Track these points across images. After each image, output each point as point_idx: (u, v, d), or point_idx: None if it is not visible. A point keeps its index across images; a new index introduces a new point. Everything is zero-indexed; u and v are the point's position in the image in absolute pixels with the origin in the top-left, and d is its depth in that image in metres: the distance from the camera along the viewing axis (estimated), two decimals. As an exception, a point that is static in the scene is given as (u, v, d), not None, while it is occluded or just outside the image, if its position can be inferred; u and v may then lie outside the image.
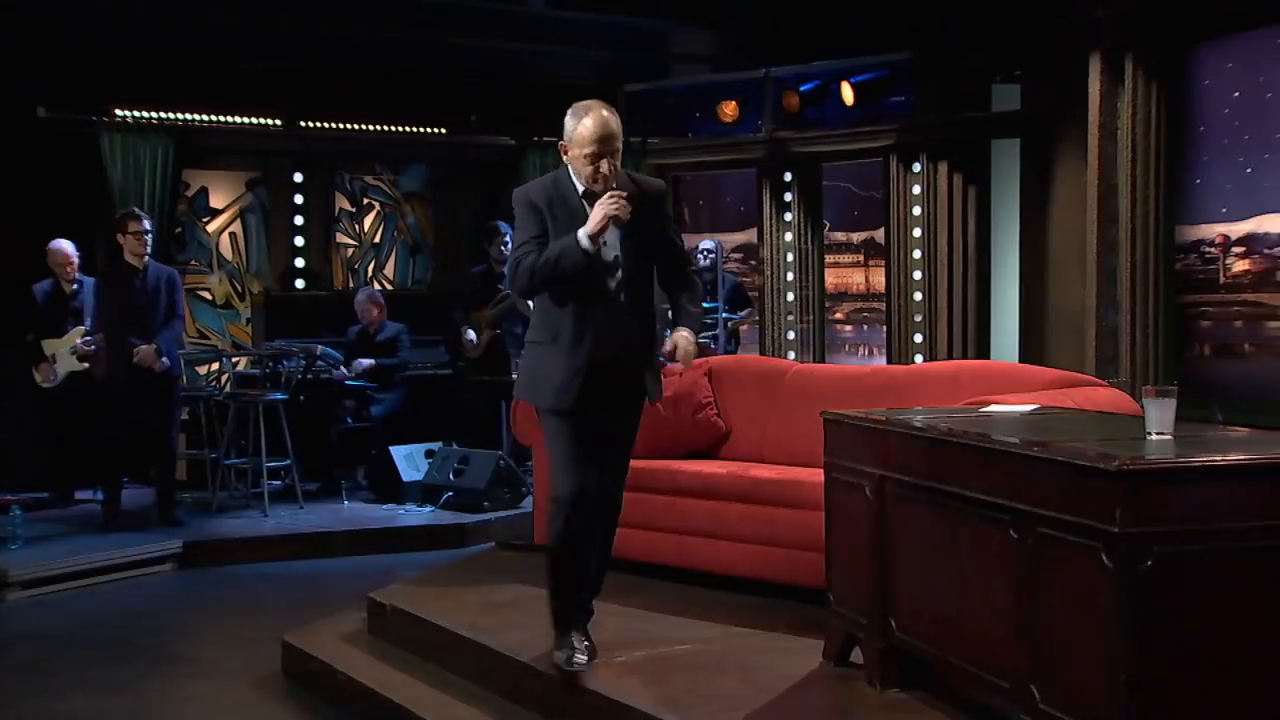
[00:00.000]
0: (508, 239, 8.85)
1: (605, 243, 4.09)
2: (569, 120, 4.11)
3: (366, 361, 8.89)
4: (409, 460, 8.55)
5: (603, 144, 4.07)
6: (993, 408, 4.23)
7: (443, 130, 10.74)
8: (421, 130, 10.73)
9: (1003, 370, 5.47)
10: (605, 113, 4.10)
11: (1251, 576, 2.87)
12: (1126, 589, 2.81)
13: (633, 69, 10.88)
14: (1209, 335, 7.57)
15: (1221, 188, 7.42)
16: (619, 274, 4.17)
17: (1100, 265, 7.79)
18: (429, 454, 8.60)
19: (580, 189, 4.16)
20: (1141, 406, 3.45)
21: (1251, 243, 7.27)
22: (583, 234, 4.02)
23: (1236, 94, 7.26)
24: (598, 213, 4.02)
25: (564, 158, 4.18)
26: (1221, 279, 7.45)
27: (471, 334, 8.70)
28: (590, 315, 4.13)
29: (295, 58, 10.09)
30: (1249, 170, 7.25)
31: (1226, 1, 7.02)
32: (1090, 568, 2.89)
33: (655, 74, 10.91)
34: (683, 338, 4.28)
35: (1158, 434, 3.26)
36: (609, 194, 4.02)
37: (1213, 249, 7.50)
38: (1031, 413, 4.09)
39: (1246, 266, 7.31)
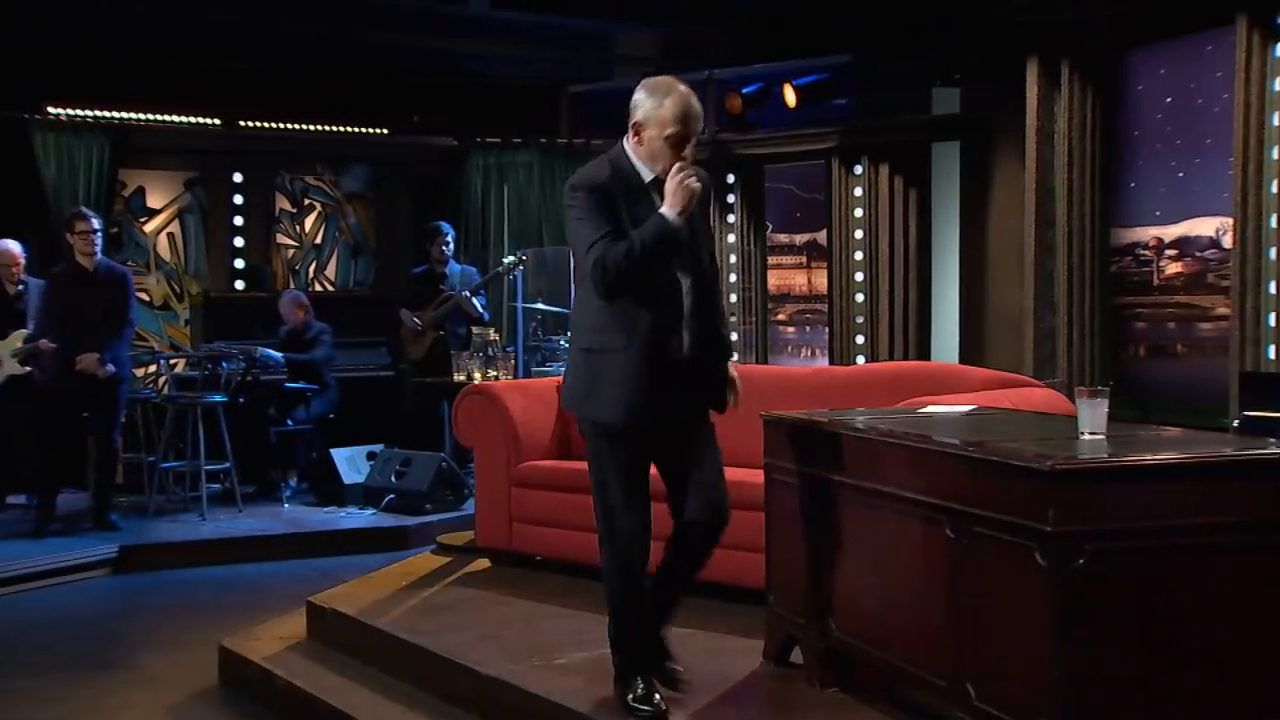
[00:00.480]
0: (449, 239, 8.82)
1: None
2: (645, 98, 3.64)
3: (273, 353, 8.75)
4: (350, 462, 8.48)
5: (689, 125, 3.65)
6: (930, 408, 4.26)
7: (384, 131, 10.68)
8: (363, 130, 10.67)
9: (941, 371, 5.51)
10: (685, 89, 3.67)
11: (1181, 574, 2.91)
12: (1059, 587, 2.84)
13: (576, 70, 10.88)
14: (1143, 336, 7.69)
15: (1155, 191, 7.54)
16: (694, 268, 3.75)
17: (1037, 267, 7.89)
18: (370, 456, 8.54)
19: (647, 176, 3.68)
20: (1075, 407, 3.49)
21: (1184, 245, 7.39)
22: (669, 212, 3.57)
23: (1169, 99, 7.38)
24: (680, 191, 3.57)
25: (630, 140, 3.68)
26: (1155, 281, 7.57)
27: (416, 319, 8.64)
28: (670, 314, 3.67)
29: (235, 56, 9.99)
30: (1181, 174, 7.37)
31: (1158, 9, 7.12)
32: (1024, 566, 2.92)
33: (598, 75, 10.91)
34: (734, 369, 3.94)
35: (1090, 434, 3.30)
36: (679, 168, 3.59)
37: (1147, 251, 7.62)
38: (968, 413, 4.13)
39: (1179, 269, 7.43)
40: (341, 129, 10.60)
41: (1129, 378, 7.69)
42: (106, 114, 9.57)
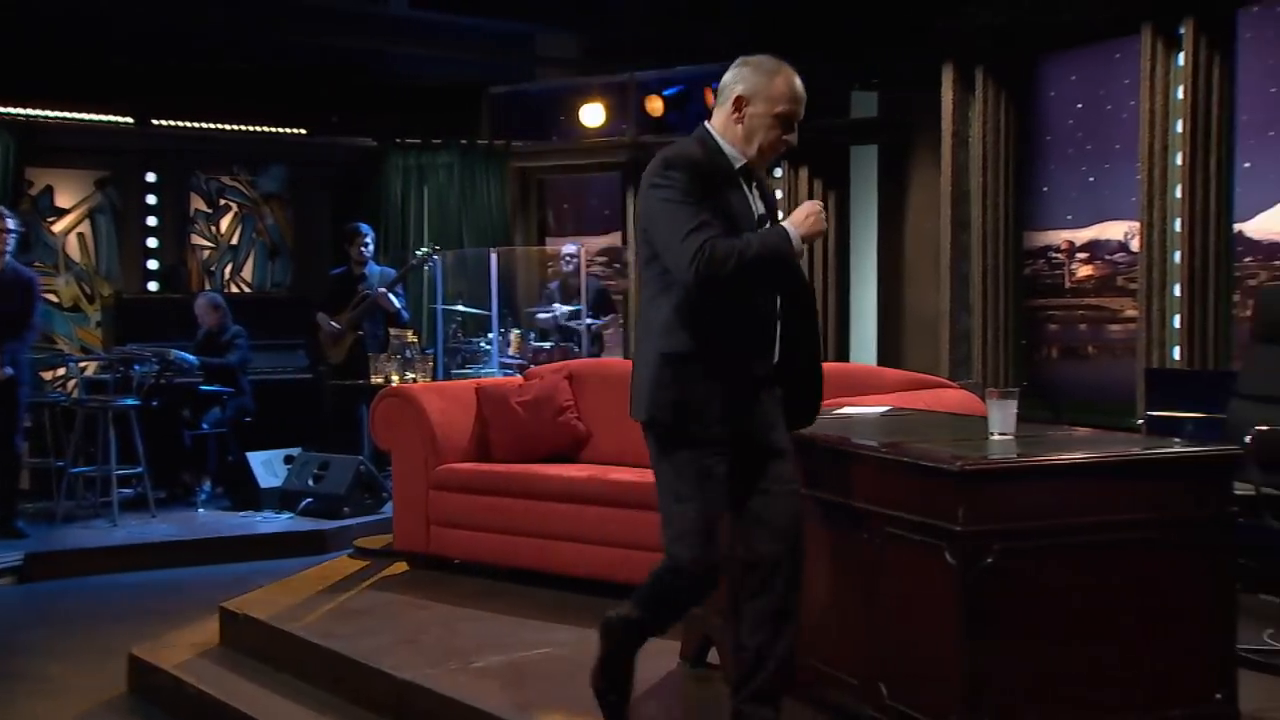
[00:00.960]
0: (368, 240, 8.72)
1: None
2: (750, 73, 3.35)
3: (187, 356, 8.61)
4: (267, 466, 8.37)
5: (799, 104, 3.36)
6: (846, 410, 4.29)
7: (302, 131, 10.55)
8: (280, 130, 10.53)
9: (857, 372, 5.56)
10: (791, 68, 3.40)
11: (1086, 571, 2.97)
12: (968, 585, 2.87)
13: (497, 71, 10.84)
14: (1056, 337, 7.82)
15: (1067, 195, 7.68)
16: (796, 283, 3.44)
17: (953, 270, 7.99)
18: (288, 460, 8.43)
19: (738, 162, 3.35)
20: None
21: (1094, 249, 7.53)
22: (795, 235, 3.24)
23: (1079, 105, 7.51)
24: (813, 221, 3.26)
25: (724, 119, 3.35)
26: (1067, 283, 7.71)
27: (334, 323, 8.55)
28: (762, 327, 3.35)
29: (148, 52, 9.80)
30: (1091, 179, 7.51)
31: (1069, 18, 7.26)
32: (935, 566, 2.96)
33: (519, 76, 10.88)
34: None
35: (1000, 434, 3.34)
36: (813, 204, 3.33)
37: (1059, 254, 7.75)
38: (883, 414, 4.17)
39: (1090, 271, 7.57)
40: (258, 128, 10.44)
41: (1042, 379, 7.83)
42: (12, 110, 9.35)
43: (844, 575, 3.35)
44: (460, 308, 9.32)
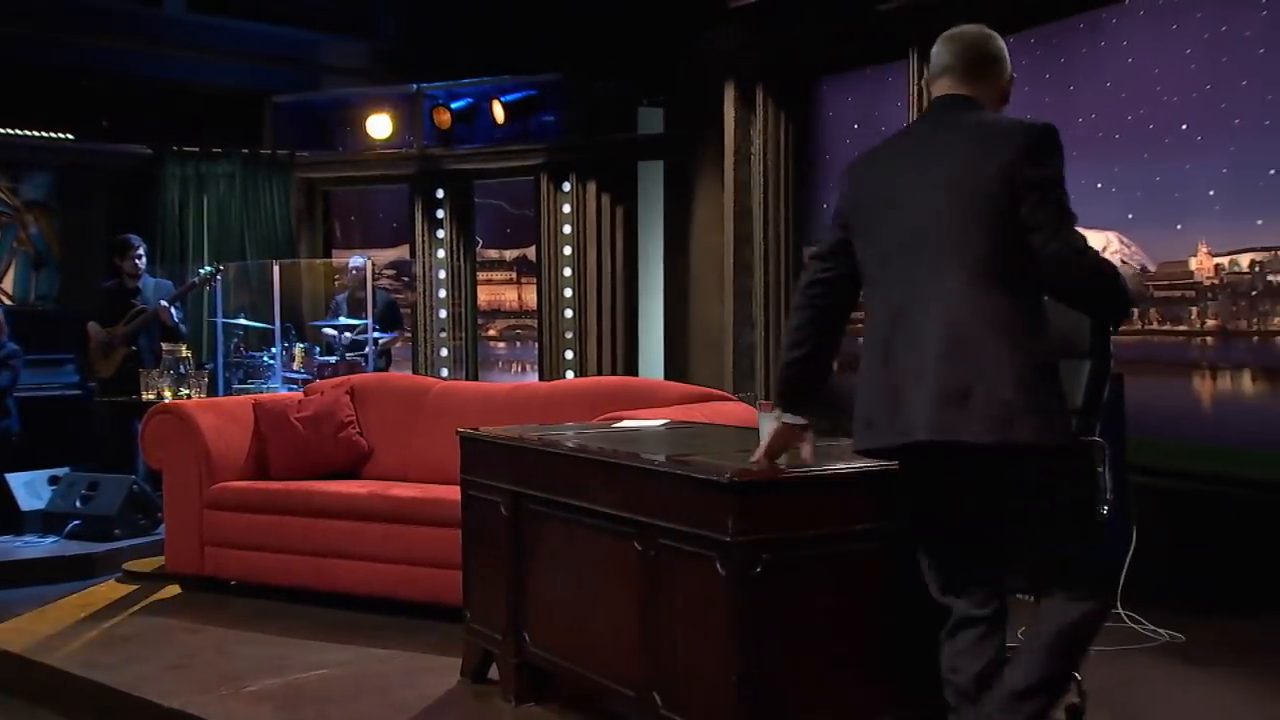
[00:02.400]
0: (140, 252, 8.38)
1: None
2: (1003, 49, 3.06)
3: None
4: (29, 488, 7.92)
5: None
6: (625, 423, 4.34)
7: (70, 136, 10.06)
8: (45, 135, 10.01)
9: (640, 386, 5.63)
10: None
11: (850, 577, 3.06)
12: (737, 595, 2.93)
13: (281, 80, 10.56)
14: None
15: (844, 213, 7.92)
16: None
17: (736, 284, 8.16)
18: (53, 480, 8.01)
19: None
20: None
21: (871, 265, 7.79)
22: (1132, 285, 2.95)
23: (855, 125, 7.78)
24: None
25: (1000, 94, 3.04)
26: (846, 298, 7.95)
27: (105, 337, 8.17)
28: None
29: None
30: (868, 197, 7.77)
31: (843, 41, 7.51)
32: (706, 576, 3.01)
33: (304, 86, 10.63)
34: None
35: (769, 445, 3.42)
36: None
37: (838, 270, 7.99)
38: (661, 427, 4.23)
39: (867, 287, 7.83)
40: (20, 132, 9.90)
41: (826, 391, 8.05)
42: None
43: (620, 586, 3.38)
44: (242, 321, 9.05)
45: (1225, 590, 5.09)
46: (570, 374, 9.45)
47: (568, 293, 9.60)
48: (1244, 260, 5.43)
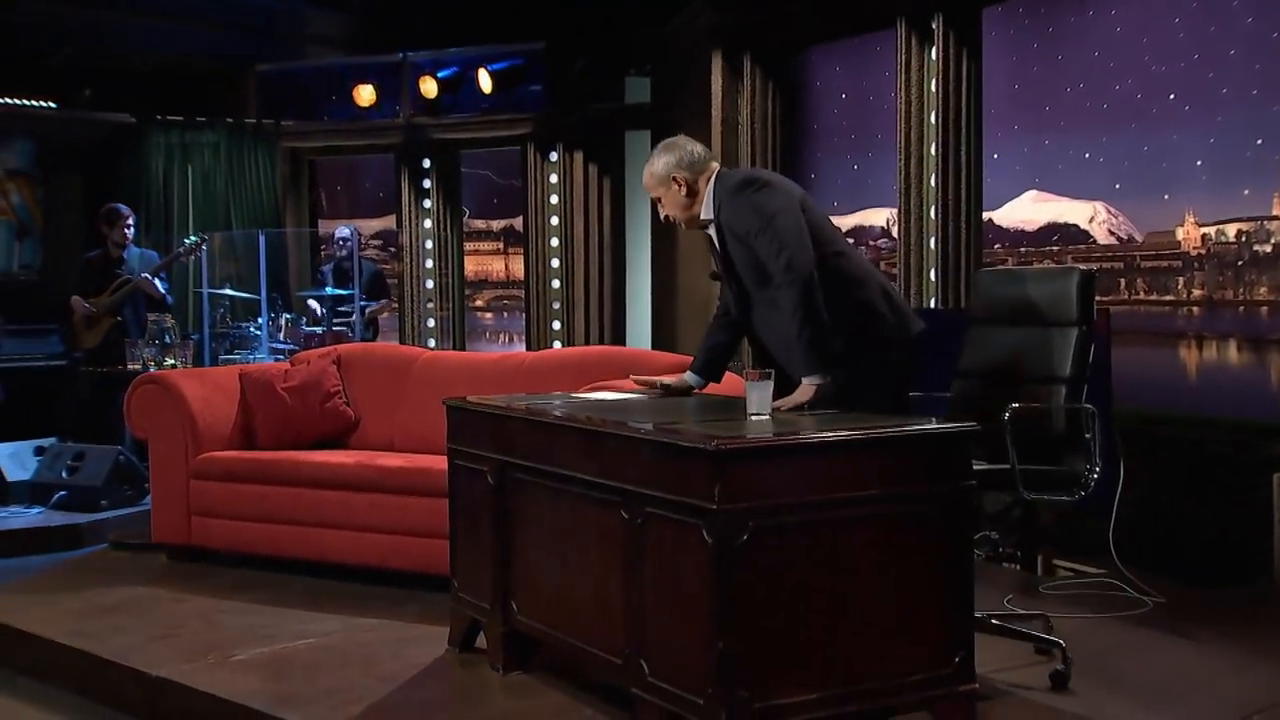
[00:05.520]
0: (130, 222, 8.33)
1: None
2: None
3: None
4: (15, 459, 7.88)
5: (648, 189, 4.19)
6: (611, 393, 4.33)
7: (52, 104, 9.98)
8: (27, 103, 9.92)
9: (627, 356, 5.62)
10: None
11: (835, 545, 3.06)
12: (724, 562, 2.93)
13: (263, 49, 10.48)
14: (823, 322, 8.05)
15: (833, 182, 7.91)
16: None
17: (724, 255, 8.12)
18: (39, 451, 7.98)
19: None
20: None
21: (859, 235, 7.79)
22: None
23: (844, 96, 7.76)
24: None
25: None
26: (832, 269, 7.93)
27: (88, 305, 8.13)
28: None
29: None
30: (855, 167, 7.76)
31: (830, 11, 7.47)
32: (693, 544, 3.01)
33: (288, 54, 10.55)
34: None
35: (756, 415, 3.43)
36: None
37: (825, 240, 7.97)
38: (647, 397, 4.21)
39: (854, 257, 7.82)
40: (1, 100, 9.81)
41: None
42: None
43: (606, 556, 3.38)
44: (228, 292, 9.01)
45: (1207, 555, 5.13)
46: (557, 344, 9.45)
47: (555, 263, 9.58)
48: (1230, 230, 5.44)
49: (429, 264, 10.12)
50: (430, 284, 10.13)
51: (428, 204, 10.12)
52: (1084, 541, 5.12)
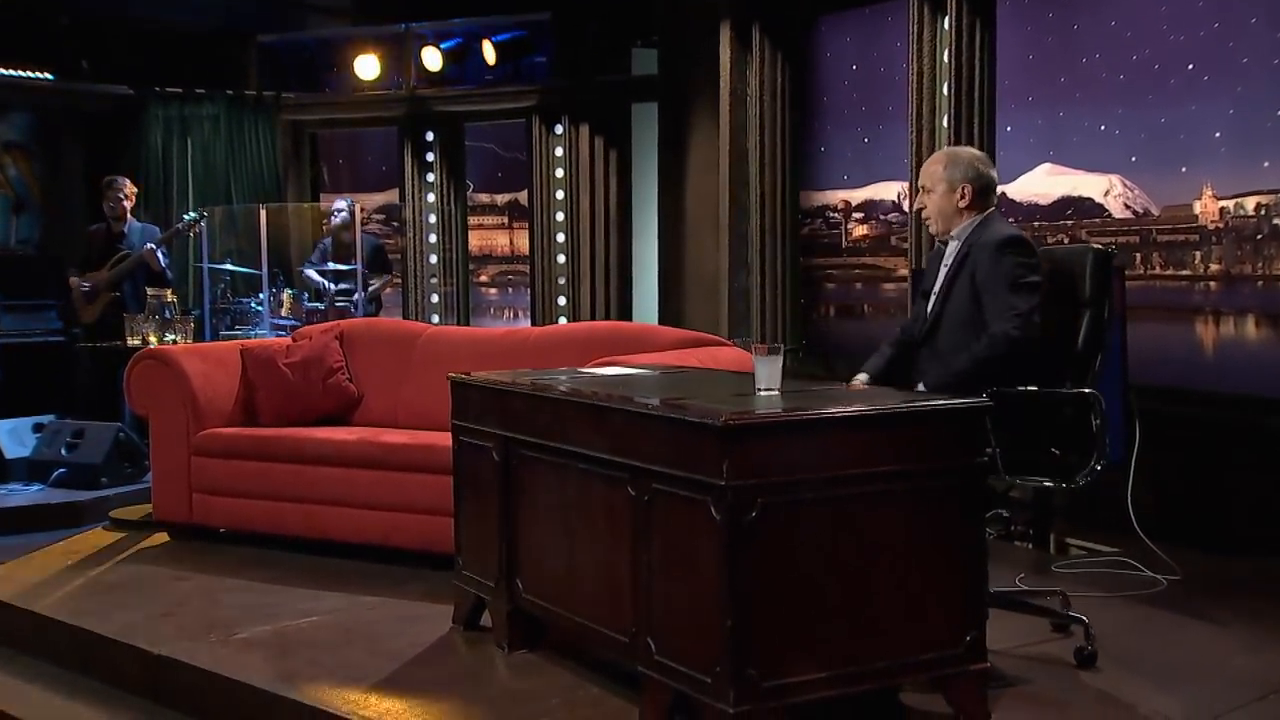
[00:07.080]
0: (125, 192, 8.26)
1: None
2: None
3: None
4: (13, 435, 7.84)
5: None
6: (619, 368, 4.26)
7: (49, 76, 9.87)
8: (24, 75, 9.82)
9: (633, 331, 5.56)
10: None
11: (846, 521, 2.99)
12: (732, 539, 2.86)
13: (264, 19, 10.37)
14: (833, 296, 7.97)
15: (843, 155, 7.81)
16: None
17: (732, 229, 8.05)
18: (38, 428, 7.93)
19: None
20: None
21: (869, 209, 7.69)
22: None
23: (854, 67, 7.64)
24: None
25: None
26: (843, 243, 7.85)
27: (84, 284, 8.07)
28: None
29: None
30: (866, 140, 7.65)
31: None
32: (700, 520, 2.94)
33: (290, 25, 10.44)
34: None
35: (765, 389, 3.35)
36: None
37: (835, 214, 7.89)
38: (654, 372, 4.15)
39: (865, 231, 7.73)
40: (-2, 72, 9.72)
41: (819, 337, 7.97)
42: None
43: (612, 533, 3.31)
44: (229, 266, 8.93)
45: (1226, 530, 5.07)
46: (563, 319, 9.37)
47: (560, 237, 9.49)
48: (1249, 203, 5.34)
49: (433, 239, 10.03)
50: (434, 259, 10.05)
51: (431, 177, 10.03)
52: (1099, 517, 5.05)
